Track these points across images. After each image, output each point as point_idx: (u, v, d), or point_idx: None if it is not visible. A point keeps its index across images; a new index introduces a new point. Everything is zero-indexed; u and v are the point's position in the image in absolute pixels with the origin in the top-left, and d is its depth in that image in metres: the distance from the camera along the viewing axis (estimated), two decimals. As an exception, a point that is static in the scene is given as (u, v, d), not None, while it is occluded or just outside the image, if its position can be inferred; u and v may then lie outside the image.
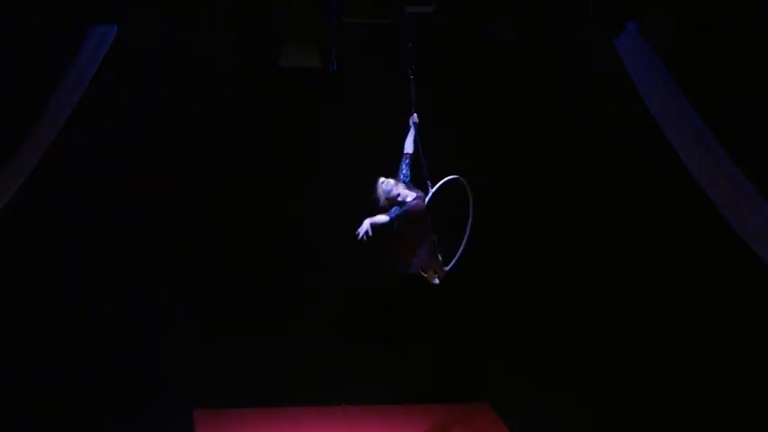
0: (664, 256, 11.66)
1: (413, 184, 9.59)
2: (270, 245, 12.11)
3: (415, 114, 9.68)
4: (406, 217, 9.36)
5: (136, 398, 11.44)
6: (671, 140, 9.71)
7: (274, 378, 11.87)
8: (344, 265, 11.63)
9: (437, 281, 9.77)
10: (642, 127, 10.42)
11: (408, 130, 9.70)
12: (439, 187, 9.62)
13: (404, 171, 9.59)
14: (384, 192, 9.38)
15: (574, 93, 11.72)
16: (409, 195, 9.45)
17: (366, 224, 9.03)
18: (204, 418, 11.24)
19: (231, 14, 10.52)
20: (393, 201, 9.37)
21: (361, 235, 9.01)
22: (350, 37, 10.65)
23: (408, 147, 9.67)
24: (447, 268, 9.72)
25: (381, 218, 9.16)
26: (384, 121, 10.48)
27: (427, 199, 9.53)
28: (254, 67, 11.42)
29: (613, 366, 11.92)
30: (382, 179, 9.41)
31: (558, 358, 12.18)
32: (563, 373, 12.06)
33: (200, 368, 11.81)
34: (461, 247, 9.76)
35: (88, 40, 10.13)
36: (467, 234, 9.86)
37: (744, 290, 10.69)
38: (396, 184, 9.42)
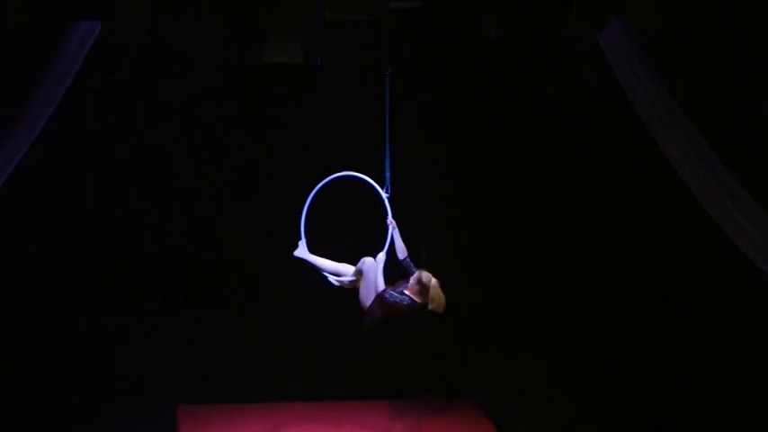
0: (654, 257, 11.66)
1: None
2: (253, 239, 12.13)
3: (393, 221, 9.67)
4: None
5: (120, 395, 11.47)
6: (656, 138, 9.67)
7: (259, 374, 11.89)
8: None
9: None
10: (627, 125, 10.40)
11: (388, 235, 9.70)
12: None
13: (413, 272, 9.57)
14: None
15: (557, 89, 11.72)
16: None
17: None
18: (187, 414, 11.23)
19: (215, 10, 10.50)
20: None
21: None
22: (334, 33, 10.68)
23: (401, 252, 9.64)
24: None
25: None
26: (366, 118, 10.51)
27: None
28: (238, 63, 11.43)
29: (600, 364, 11.94)
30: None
31: (544, 356, 12.20)
32: (549, 370, 12.08)
33: (183, 365, 11.83)
34: None
35: (72, 36, 10.11)
36: None
37: (741, 300, 10.69)
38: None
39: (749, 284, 9.90)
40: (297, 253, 9.98)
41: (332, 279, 9.90)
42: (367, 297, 9.64)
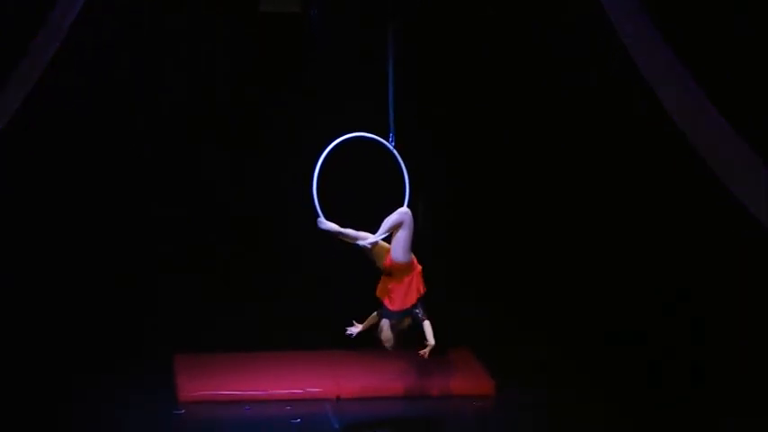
0: (649, 209, 11.79)
1: None
2: (247, 195, 12.15)
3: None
4: None
5: (117, 345, 11.51)
6: (655, 89, 9.68)
7: (253, 323, 11.95)
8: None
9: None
10: (619, 65, 10.44)
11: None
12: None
13: None
14: None
15: (555, 41, 11.78)
16: None
17: None
18: (184, 363, 11.29)
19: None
20: None
21: None
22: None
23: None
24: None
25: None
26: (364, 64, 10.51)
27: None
28: (236, 12, 11.40)
29: (594, 314, 12.07)
30: None
31: (537, 305, 12.31)
32: (543, 319, 12.18)
33: (179, 314, 11.87)
34: None
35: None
36: None
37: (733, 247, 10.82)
38: None
39: (745, 232, 10.01)
40: (321, 226, 9.96)
41: (363, 242, 9.90)
42: (403, 245, 9.71)
